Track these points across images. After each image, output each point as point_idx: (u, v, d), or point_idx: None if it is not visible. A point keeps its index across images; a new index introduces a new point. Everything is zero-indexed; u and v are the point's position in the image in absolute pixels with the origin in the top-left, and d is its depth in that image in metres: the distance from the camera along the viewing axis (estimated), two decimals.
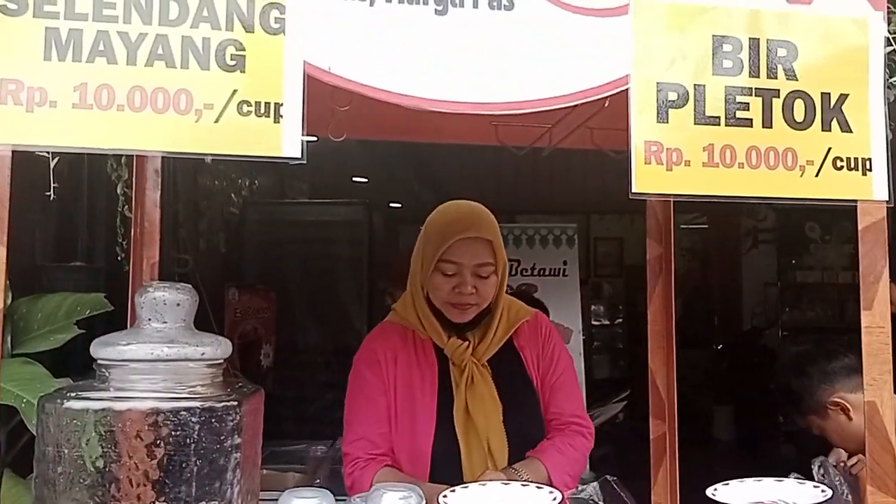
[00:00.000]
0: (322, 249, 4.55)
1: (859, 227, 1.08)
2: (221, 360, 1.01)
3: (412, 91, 1.02)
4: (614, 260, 9.62)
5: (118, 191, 2.02)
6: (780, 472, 2.35)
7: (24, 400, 1.52)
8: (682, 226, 9.87)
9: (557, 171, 6.07)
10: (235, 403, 0.92)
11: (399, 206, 7.07)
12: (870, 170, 1.09)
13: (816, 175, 1.07)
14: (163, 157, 1.61)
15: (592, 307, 9.15)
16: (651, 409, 1.67)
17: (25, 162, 1.66)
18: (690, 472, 1.99)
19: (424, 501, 0.97)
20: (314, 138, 2.03)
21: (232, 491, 0.90)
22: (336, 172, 5.68)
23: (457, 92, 1.05)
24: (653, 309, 1.68)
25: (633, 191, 1.02)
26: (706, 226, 9.54)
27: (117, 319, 1.57)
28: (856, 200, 1.09)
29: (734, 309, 8.14)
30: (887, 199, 1.09)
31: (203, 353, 0.95)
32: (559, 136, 1.80)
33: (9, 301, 1.73)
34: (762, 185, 1.06)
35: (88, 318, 1.87)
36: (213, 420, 0.90)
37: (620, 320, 8.77)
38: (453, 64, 1.04)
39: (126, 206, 1.88)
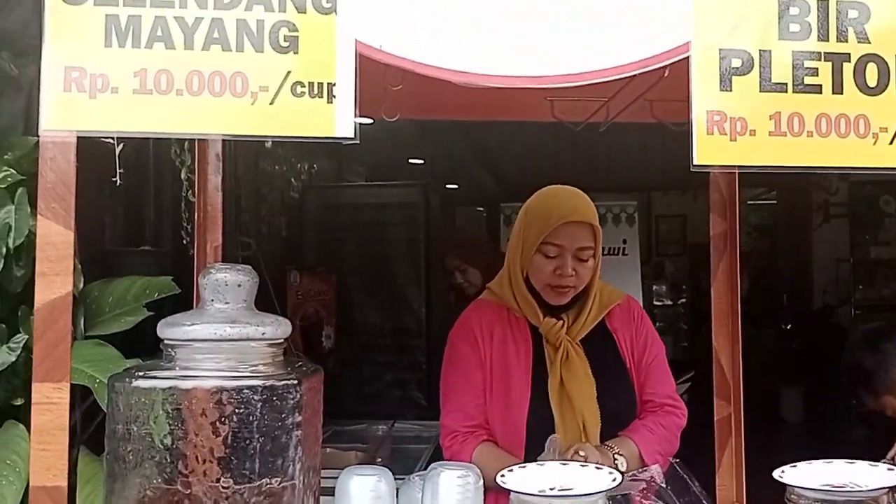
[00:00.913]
0: (380, 232, 4.59)
1: None
2: (282, 340, 1.03)
3: (464, 67, 1.00)
4: (677, 238, 9.40)
5: (182, 176, 2.08)
6: (852, 456, 2.27)
7: (97, 380, 1.58)
8: (749, 201, 9.58)
9: (617, 148, 5.97)
10: (296, 382, 0.94)
11: (456, 187, 7.07)
12: None
13: (891, 143, 1.02)
14: (224, 143, 1.65)
15: (654, 287, 9.01)
16: (715, 389, 1.62)
17: (93, 149, 1.72)
18: (757, 456, 1.94)
19: (482, 480, 0.97)
20: (370, 120, 2.05)
21: (294, 467, 0.92)
22: (392, 154, 5.71)
23: (510, 66, 1.03)
24: (717, 286, 1.63)
25: (695, 163, 0.98)
26: (774, 201, 9.23)
27: (185, 301, 1.62)
28: None
29: (804, 287, 7.86)
30: None
31: (264, 333, 0.97)
32: (616, 109, 1.75)
33: (80, 286, 1.81)
34: (833, 154, 1.01)
35: (157, 300, 1.93)
36: (275, 398, 0.92)
37: (683, 300, 8.61)
38: (506, 38, 1.02)
39: (190, 191, 1.93)
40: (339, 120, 0.94)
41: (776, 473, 1.07)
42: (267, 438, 0.91)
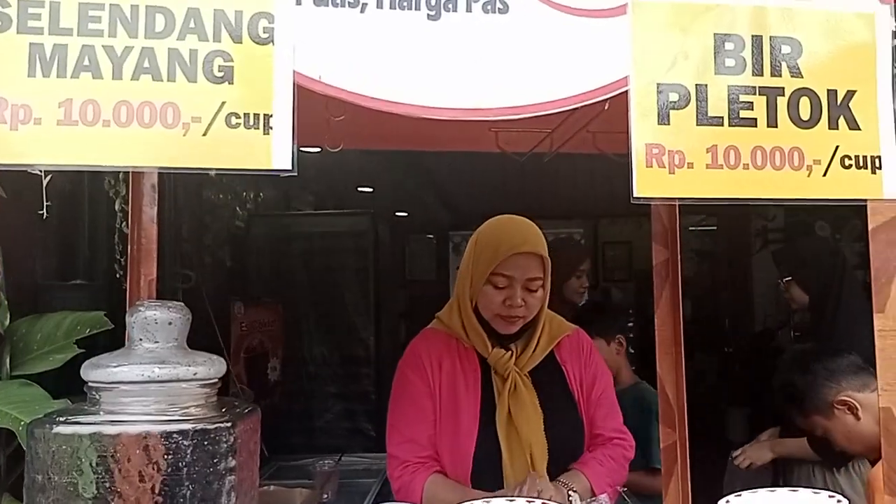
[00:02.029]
0: (328, 260, 4.54)
1: (870, 227, 1.04)
2: (216, 380, 0.98)
3: (405, 99, 0.99)
4: (623, 264, 9.55)
5: (116, 207, 2.01)
6: (796, 472, 2.32)
7: (22, 423, 1.50)
8: (691, 227, 9.80)
9: (564, 177, 6.04)
10: (229, 424, 0.90)
11: (405, 215, 7.05)
12: (879, 168, 1.06)
13: (824, 174, 1.04)
14: (161, 173, 1.60)
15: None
16: (661, 417, 1.63)
17: (24, 179, 1.65)
18: (705, 475, 1.95)
19: None
20: (317, 149, 2.02)
21: None
22: (340, 183, 5.67)
23: (452, 98, 1.02)
24: (660, 314, 1.65)
25: (636, 195, 0.99)
26: (715, 227, 9.47)
27: (119, 337, 1.55)
28: (866, 200, 1.05)
29: (745, 310, 8.05)
30: None
31: (195, 374, 0.93)
32: (560, 140, 1.77)
33: (7, 322, 1.72)
34: (768, 186, 1.03)
35: (90, 337, 1.85)
36: (206, 442, 0.87)
37: (630, 324, 8.72)
38: (447, 70, 1.02)
39: (124, 223, 1.86)
40: (276, 151, 0.92)
41: (721, 503, 1.07)
42: (198, 485, 0.86)
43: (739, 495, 1.10)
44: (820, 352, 1.90)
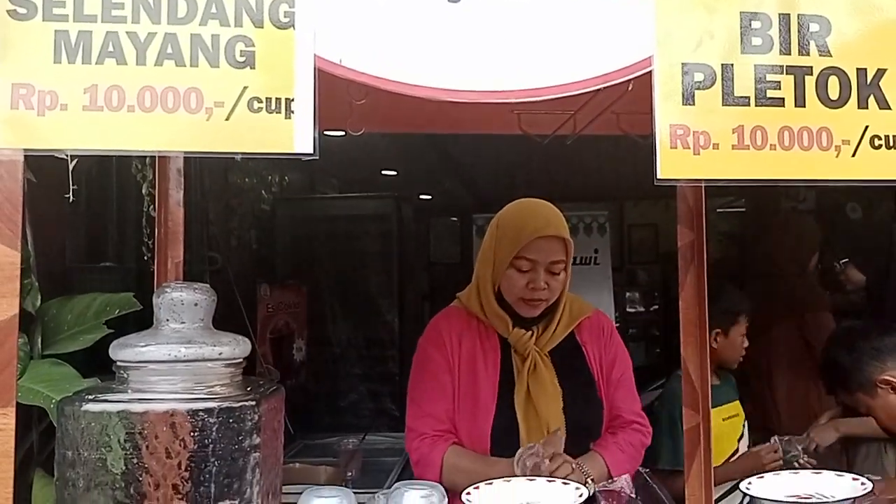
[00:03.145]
0: (352, 243, 4.57)
1: None
2: (241, 360, 1.00)
3: (426, 81, 0.99)
4: (649, 246, 9.46)
5: (143, 191, 2.04)
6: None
7: (53, 400, 1.54)
8: (719, 209, 9.69)
9: (589, 159, 5.98)
10: (253, 403, 0.91)
11: (429, 197, 7.05)
12: None
13: (853, 155, 1.02)
14: (186, 158, 1.62)
15: (627, 294, 9.06)
16: (684, 399, 1.62)
17: (53, 163, 1.68)
18: None
19: (446, 499, 0.95)
20: (341, 133, 2.02)
21: (251, 491, 0.89)
22: (365, 167, 5.68)
23: (473, 80, 1.02)
24: (685, 297, 1.63)
25: (659, 177, 0.98)
26: (743, 209, 9.34)
27: (148, 319, 1.58)
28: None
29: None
30: None
31: (221, 353, 0.94)
32: (583, 122, 1.76)
33: (38, 303, 1.76)
34: (795, 166, 1.01)
35: (119, 317, 1.88)
36: (232, 420, 0.89)
37: (656, 307, 8.65)
38: (468, 52, 1.01)
39: (151, 206, 1.89)
40: (297, 135, 0.92)
41: (743, 486, 1.07)
42: (223, 462, 0.88)
43: (762, 477, 1.10)
44: (867, 330, 1.90)
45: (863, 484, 1.02)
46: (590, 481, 1.59)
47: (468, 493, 0.98)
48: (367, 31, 0.97)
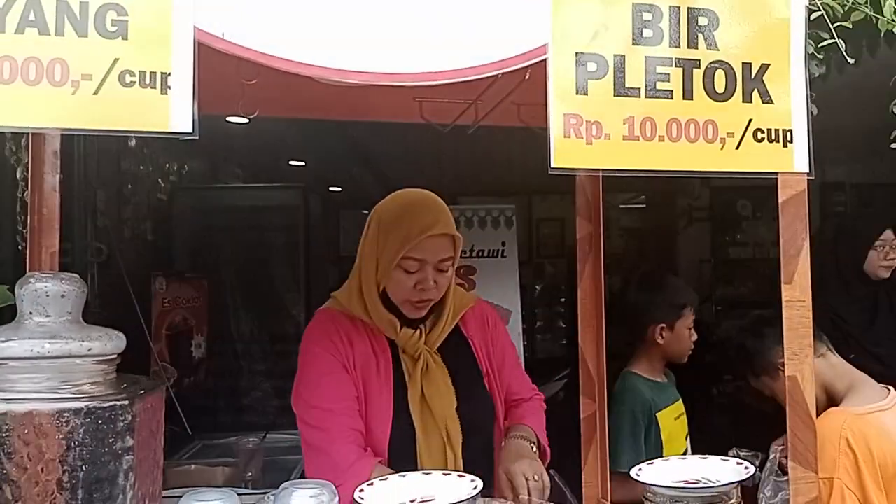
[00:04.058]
0: (257, 236, 4.43)
1: (780, 200, 1.06)
2: (114, 356, 0.93)
3: (318, 61, 0.95)
4: (556, 241, 9.67)
5: (18, 175, 1.89)
6: (716, 438, 2.38)
7: None
8: (621, 205, 10.01)
9: (498, 152, 6.05)
10: (126, 403, 0.85)
11: (339, 189, 6.94)
12: (790, 141, 1.07)
13: (737, 147, 1.05)
14: (66, 139, 1.50)
15: (536, 287, 9.24)
16: (581, 387, 1.65)
17: None
18: None
19: (337, 498, 0.91)
20: (244, 120, 1.91)
21: (125, 497, 0.83)
22: (272, 156, 5.52)
23: (367, 62, 0.98)
24: (583, 288, 1.66)
25: (553, 165, 0.98)
26: (644, 205, 9.69)
27: None
28: (776, 173, 1.07)
29: None
30: (808, 171, 1.08)
31: (90, 349, 0.87)
32: (483, 111, 1.75)
33: None
34: (683, 158, 1.03)
35: None
36: (101, 421, 0.83)
37: (563, 300, 8.86)
38: (362, 32, 0.98)
39: (26, 192, 1.75)
40: (174, 113, 0.86)
41: (633, 472, 1.08)
42: (93, 466, 0.81)
43: (652, 463, 1.12)
44: (773, 318, 1.98)
45: (746, 468, 1.05)
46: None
47: (361, 490, 0.95)
48: (254, 4, 0.92)
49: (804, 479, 0.96)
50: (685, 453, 2.31)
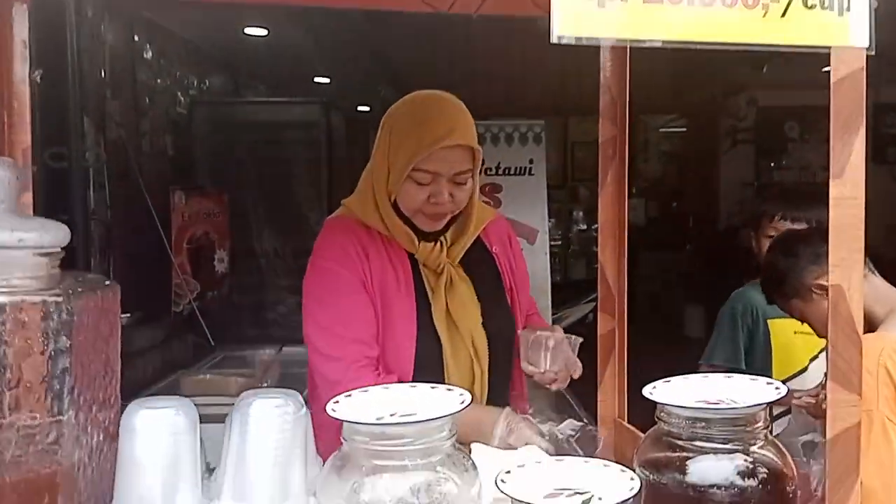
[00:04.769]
0: (278, 152, 4.33)
1: (832, 80, 0.89)
2: (56, 249, 0.83)
3: None
4: (591, 164, 9.43)
5: None
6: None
7: None
8: (660, 129, 9.66)
9: (535, 69, 5.78)
10: (59, 300, 0.75)
11: (368, 109, 6.77)
12: (847, 9, 0.90)
13: (783, 15, 0.88)
14: (73, 46, 1.38)
15: (570, 210, 9.08)
16: (599, 303, 1.52)
17: None
18: (653, 370, 1.87)
19: (305, 409, 0.82)
20: (264, 31, 1.75)
21: (62, 402, 0.74)
22: (295, 73, 5.36)
23: None
24: (604, 197, 1.51)
25: (556, 34, 0.82)
26: (685, 129, 9.33)
27: None
28: (829, 47, 0.89)
29: (710, 210, 8.05)
30: (867, 45, 0.90)
31: (21, 240, 0.77)
32: None
33: None
34: (716, 26, 0.87)
35: None
36: (28, 319, 0.73)
37: (596, 225, 8.69)
38: None
39: None
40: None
41: (646, 391, 0.96)
42: (18, 368, 0.72)
43: (668, 381, 1.00)
44: (809, 235, 1.80)
45: (777, 388, 0.92)
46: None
47: (336, 402, 0.85)
48: None
49: (845, 403, 0.83)
50: (802, 371, 2.23)
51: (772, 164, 7.93)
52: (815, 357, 2.22)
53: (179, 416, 0.78)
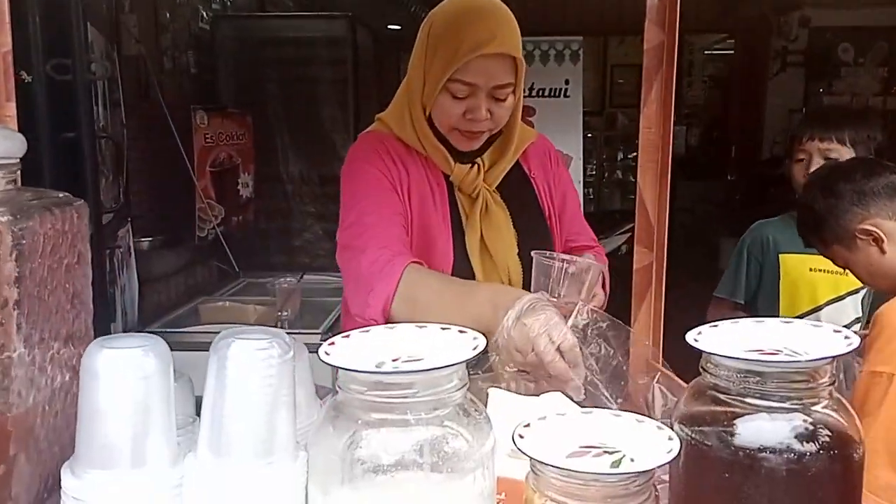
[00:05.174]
0: (304, 70, 4.14)
1: None
2: (11, 161, 0.71)
3: None
4: (631, 89, 9.05)
5: None
6: None
7: None
8: (706, 51, 9.19)
9: None
10: (5, 219, 0.64)
11: (399, 28, 6.50)
12: None
13: None
14: None
15: (608, 137, 8.77)
16: (636, 235, 1.39)
17: None
18: (687, 309, 1.73)
19: (292, 352, 0.71)
20: None
21: (8, 339, 0.64)
22: None
23: None
24: (647, 113, 1.35)
25: None
26: (732, 51, 8.85)
27: None
28: None
29: (754, 138, 7.69)
30: None
31: None
32: None
33: None
34: None
35: None
36: None
37: (634, 154, 8.42)
38: None
39: None
40: None
41: (690, 337, 0.83)
42: None
43: (716, 325, 0.86)
44: (852, 170, 1.55)
45: (847, 338, 0.78)
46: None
47: (331, 344, 0.74)
48: None
49: None
50: (822, 307, 2.08)
51: (821, 90, 7.51)
52: (839, 298, 2.06)
53: (148, 356, 0.67)
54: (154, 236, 3.15)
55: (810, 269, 2.07)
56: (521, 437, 0.75)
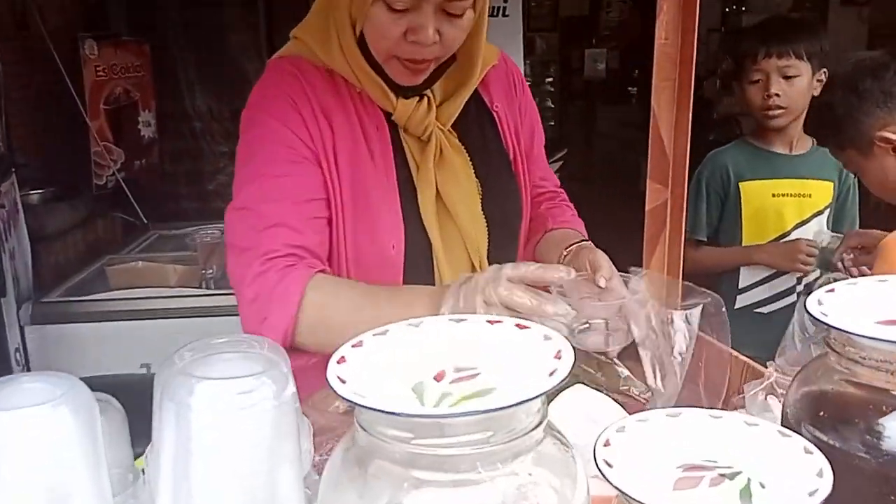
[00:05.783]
0: None
1: None
2: None
3: None
4: (548, 12, 8.78)
5: None
6: None
7: None
8: None
9: None
10: None
11: None
12: None
13: None
14: None
15: (525, 62, 8.52)
16: (650, 169, 1.17)
17: None
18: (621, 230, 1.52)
19: (291, 385, 0.45)
20: None
21: None
22: None
23: None
24: (663, 20, 1.11)
25: None
26: None
27: None
28: None
29: None
30: None
31: None
32: None
33: None
34: None
35: None
36: None
37: (551, 79, 8.22)
38: None
39: None
40: None
41: (815, 310, 0.63)
42: None
43: (832, 290, 0.67)
44: (881, 68, 1.38)
45: None
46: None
47: (342, 362, 0.49)
48: None
49: None
50: (783, 236, 1.98)
51: (735, 6, 7.46)
52: (805, 221, 1.98)
53: (61, 412, 0.41)
54: (44, 188, 2.76)
55: (773, 195, 1.98)
56: (608, 464, 0.53)
